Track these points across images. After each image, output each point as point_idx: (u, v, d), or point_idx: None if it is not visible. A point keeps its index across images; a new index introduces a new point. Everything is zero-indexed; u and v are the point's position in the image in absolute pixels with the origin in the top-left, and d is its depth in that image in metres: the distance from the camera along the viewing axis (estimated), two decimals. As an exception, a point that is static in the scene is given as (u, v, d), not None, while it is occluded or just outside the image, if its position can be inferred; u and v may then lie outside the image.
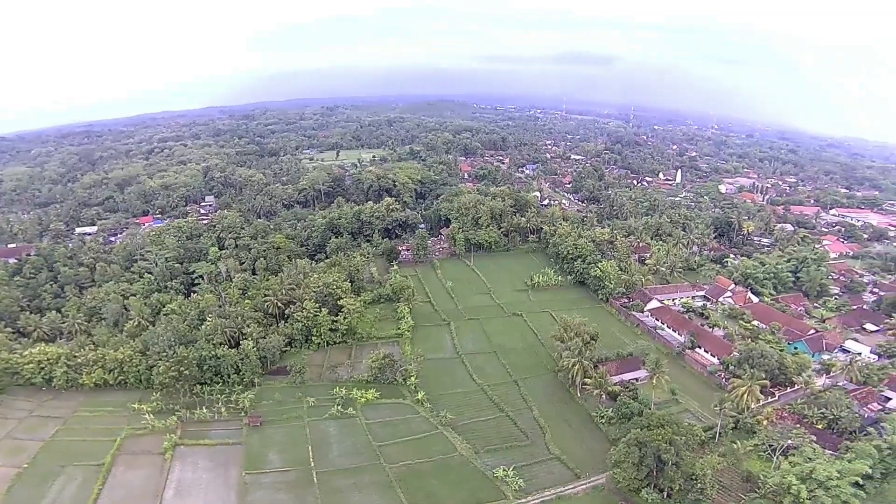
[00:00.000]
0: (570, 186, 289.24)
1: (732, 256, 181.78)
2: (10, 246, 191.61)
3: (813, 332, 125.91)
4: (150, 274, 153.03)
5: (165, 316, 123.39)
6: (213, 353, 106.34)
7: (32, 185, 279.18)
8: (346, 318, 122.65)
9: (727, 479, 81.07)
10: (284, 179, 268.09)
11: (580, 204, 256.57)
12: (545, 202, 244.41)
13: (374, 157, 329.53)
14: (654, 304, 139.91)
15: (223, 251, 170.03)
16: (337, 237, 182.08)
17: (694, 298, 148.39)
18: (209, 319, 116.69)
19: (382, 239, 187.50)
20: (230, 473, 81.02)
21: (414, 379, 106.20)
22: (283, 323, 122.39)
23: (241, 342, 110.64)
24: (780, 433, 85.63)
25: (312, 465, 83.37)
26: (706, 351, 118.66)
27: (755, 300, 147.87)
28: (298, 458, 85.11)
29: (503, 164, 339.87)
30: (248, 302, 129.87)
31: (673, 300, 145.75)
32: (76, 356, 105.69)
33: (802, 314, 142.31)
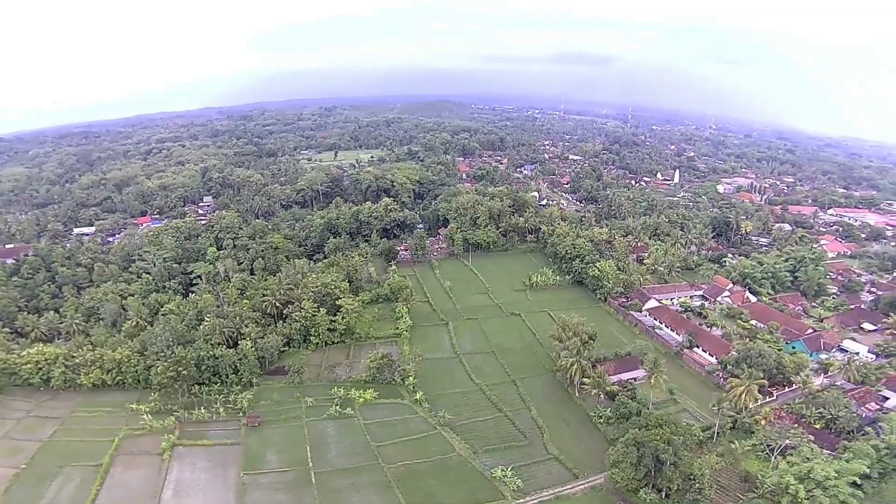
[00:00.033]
0: (568, 186, 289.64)
1: (730, 256, 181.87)
2: (7, 246, 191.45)
3: (811, 331, 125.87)
4: (148, 274, 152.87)
5: (163, 316, 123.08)
6: (211, 353, 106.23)
7: (30, 185, 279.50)
8: (344, 318, 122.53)
9: (725, 478, 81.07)
10: (282, 180, 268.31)
11: (578, 204, 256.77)
12: (543, 202, 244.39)
13: (372, 157, 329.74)
14: (652, 303, 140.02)
15: (221, 251, 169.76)
16: (335, 237, 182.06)
17: (692, 298, 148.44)
18: (207, 319, 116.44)
19: (381, 239, 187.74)
20: (228, 474, 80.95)
21: (412, 379, 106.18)
22: (281, 323, 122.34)
23: (239, 342, 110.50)
24: (778, 433, 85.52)
25: (311, 465, 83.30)
26: (704, 350, 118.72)
27: (753, 300, 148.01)
28: (297, 458, 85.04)
29: (501, 164, 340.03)
30: (246, 302, 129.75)
31: (671, 300, 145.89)
32: (74, 356, 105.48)
33: (800, 314, 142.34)
